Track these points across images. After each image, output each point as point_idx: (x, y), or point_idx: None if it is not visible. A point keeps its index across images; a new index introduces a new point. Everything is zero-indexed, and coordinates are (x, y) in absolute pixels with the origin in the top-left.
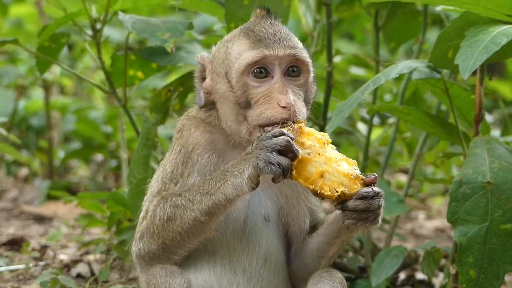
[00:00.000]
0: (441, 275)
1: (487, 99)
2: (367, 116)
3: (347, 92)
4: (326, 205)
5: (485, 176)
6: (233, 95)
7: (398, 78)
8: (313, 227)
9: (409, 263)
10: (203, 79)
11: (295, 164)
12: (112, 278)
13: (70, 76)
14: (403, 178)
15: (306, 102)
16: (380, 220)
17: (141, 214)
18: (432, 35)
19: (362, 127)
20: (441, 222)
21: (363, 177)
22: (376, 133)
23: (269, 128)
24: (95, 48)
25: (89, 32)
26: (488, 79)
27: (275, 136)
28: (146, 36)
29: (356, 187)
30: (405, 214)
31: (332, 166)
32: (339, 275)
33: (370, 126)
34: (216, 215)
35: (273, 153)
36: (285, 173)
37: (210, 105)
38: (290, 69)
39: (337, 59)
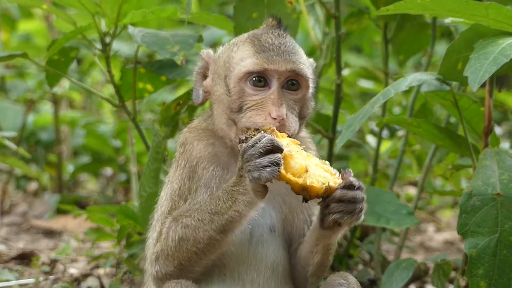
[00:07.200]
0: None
1: (496, 111)
2: (376, 129)
3: (356, 105)
4: None
5: (495, 188)
6: (228, 99)
7: (407, 91)
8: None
9: (419, 275)
10: (204, 76)
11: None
12: None
13: (79, 90)
14: (412, 191)
15: (300, 117)
16: (363, 215)
17: (154, 235)
18: (441, 47)
19: (371, 139)
20: (451, 234)
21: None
22: (385, 145)
23: (243, 136)
24: (105, 62)
25: (99, 46)
26: (497, 91)
27: (258, 141)
28: (155, 49)
29: (338, 180)
30: (415, 227)
31: (313, 162)
32: (354, 280)
33: (379, 138)
34: (231, 230)
35: (262, 157)
36: (279, 167)
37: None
38: (289, 82)
39: (345, 72)
